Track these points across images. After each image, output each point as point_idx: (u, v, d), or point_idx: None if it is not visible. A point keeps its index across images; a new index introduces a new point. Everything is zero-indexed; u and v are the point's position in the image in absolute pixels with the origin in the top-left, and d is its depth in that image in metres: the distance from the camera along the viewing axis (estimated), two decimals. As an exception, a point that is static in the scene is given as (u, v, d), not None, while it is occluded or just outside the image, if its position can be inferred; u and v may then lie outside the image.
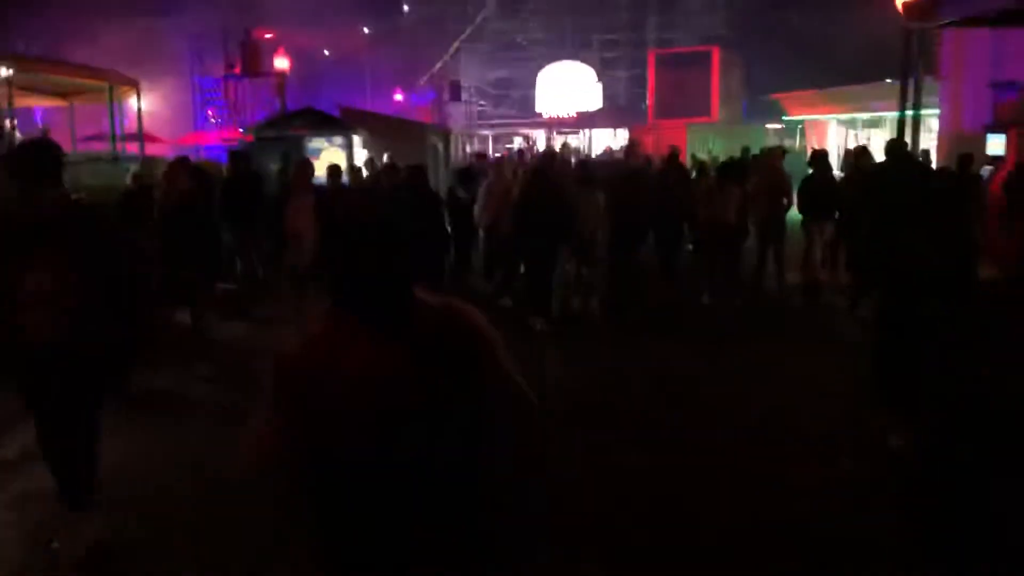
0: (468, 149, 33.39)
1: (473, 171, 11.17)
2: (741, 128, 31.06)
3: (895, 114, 18.70)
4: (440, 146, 22.16)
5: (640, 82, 44.96)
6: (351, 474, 1.94)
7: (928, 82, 14.45)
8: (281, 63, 23.13)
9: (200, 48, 32.96)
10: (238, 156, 11.17)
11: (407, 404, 1.92)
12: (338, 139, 17.77)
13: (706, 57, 34.64)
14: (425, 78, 45.27)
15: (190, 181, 10.14)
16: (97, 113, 19.98)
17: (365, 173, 13.64)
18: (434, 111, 42.25)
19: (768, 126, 32.03)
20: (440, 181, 17.34)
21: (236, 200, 9.81)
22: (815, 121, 28.83)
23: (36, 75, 14.38)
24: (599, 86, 44.29)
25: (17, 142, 15.32)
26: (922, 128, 14.84)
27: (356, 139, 18.45)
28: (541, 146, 39.32)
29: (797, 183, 10.36)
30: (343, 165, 12.94)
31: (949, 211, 5.42)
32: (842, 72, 27.23)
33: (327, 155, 17.65)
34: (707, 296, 9.80)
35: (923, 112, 13.71)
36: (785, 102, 30.37)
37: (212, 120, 33.69)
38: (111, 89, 15.15)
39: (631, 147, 13.93)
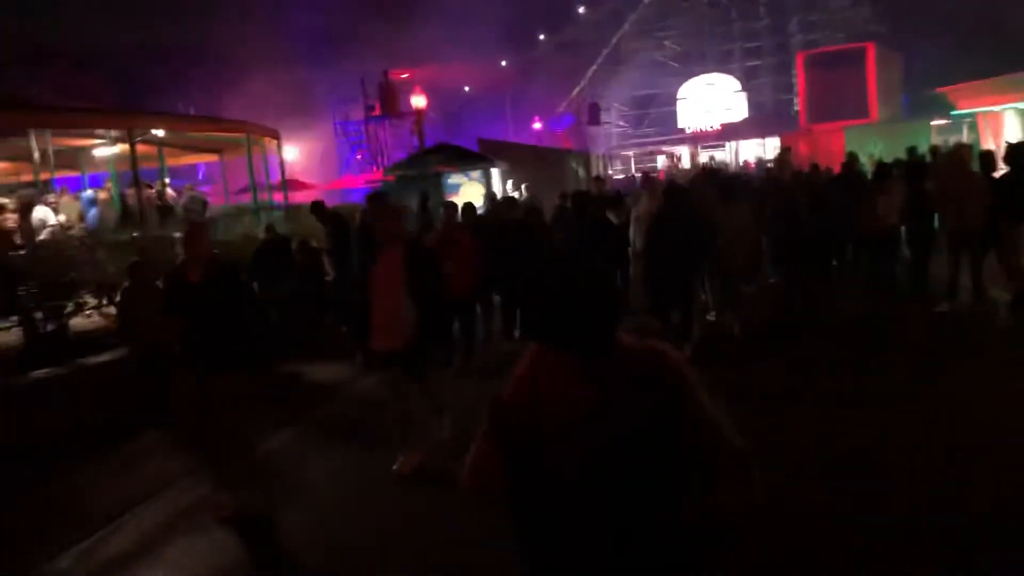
0: (609, 171, 32.75)
1: (621, 196, 10.52)
2: (903, 127, 28.75)
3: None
4: (580, 170, 21.60)
5: (785, 88, 43.39)
6: (555, 498, 2.07)
7: None
8: (418, 101, 23.24)
9: (340, 93, 33.88)
10: (374, 198, 10.80)
11: (608, 438, 2.01)
12: (475, 172, 17.49)
13: (860, 54, 32.46)
14: (564, 104, 45.12)
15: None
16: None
17: (480, 209, 12.43)
18: (574, 136, 41.90)
19: (933, 123, 29.52)
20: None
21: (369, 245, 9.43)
22: (988, 114, 26.24)
23: (181, 133, 14.82)
24: (743, 96, 42.86)
25: (168, 197, 15.91)
26: None
27: (494, 171, 18.13)
28: (686, 163, 38.23)
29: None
30: (480, 198, 12.51)
31: None
32: (1014, 58, 24.68)
33: (466, 189, 17.43)
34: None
35: None
36: (952, 95, 27.87)
37: (362, 162, 34.46)
38: (249, 140, 15.40)
39: (782, 157, 12.84)
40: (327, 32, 37.03)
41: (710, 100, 43.07)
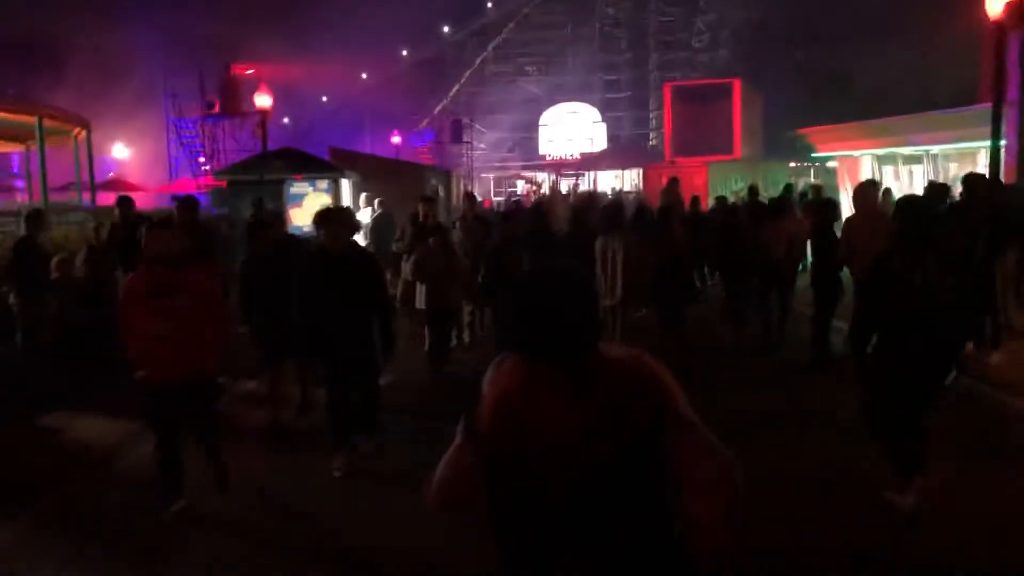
0: (472, 191, 31.47)
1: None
2: (765, 165, 28.81)
3: (940, 147, 16.82)
4: (441, 189, 20.01)
5: (643, 122, 43.87)
6: (535, 517, 1.98)
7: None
8: (263, 100, 20.88)
9: (178, 88, 30.43)
10: (184, 205, 8.56)
11: (593, 454, 1.91)
12: (322, 183, 15.54)
13: (726, 90, 32.32)
14: (425, 120, 43.85)
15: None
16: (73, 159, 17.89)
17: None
18: (434, 153, 40.50)
19: (793, 164, 29.87)
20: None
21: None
22: (846, 157, 26.69)
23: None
24: (603, 126, 42.79)
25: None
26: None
27: (344, 182, 16.24)
28: (546, 189, 37.52)
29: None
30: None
31: None
32: (866, 105, 25.29)
33: (311, 201, 15.49)
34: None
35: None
36: (811, 137, 28.25)
37: (202, 165, 31.28)
38: (42, 127, 12.60)
39: (671, 188, 12.19)
40: (169, 20, 33.80)
41: (571, 128, 42.85)
